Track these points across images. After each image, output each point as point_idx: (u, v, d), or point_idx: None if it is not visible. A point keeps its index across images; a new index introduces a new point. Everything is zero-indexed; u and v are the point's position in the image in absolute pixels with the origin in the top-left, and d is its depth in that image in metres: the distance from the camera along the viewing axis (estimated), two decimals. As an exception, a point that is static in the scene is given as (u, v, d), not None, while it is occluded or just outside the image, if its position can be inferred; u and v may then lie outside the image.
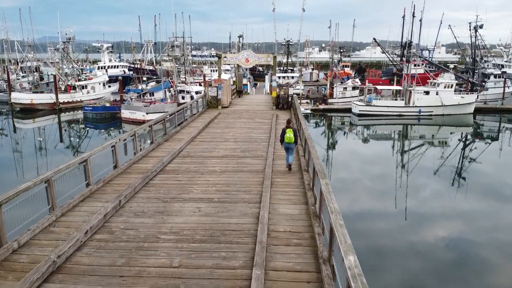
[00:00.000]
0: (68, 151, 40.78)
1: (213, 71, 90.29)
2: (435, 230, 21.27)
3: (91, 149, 14.36)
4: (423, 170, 33.15)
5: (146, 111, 46.90)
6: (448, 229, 21.45)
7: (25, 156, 38.72)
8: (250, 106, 35.18)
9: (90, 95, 60.26)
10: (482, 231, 21.47)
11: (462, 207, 25.06)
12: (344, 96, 58.59)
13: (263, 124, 26.51)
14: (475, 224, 22.60)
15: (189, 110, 27.87)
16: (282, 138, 15.67)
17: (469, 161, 36.63)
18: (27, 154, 39.51)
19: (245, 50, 31.84)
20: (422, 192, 28.03)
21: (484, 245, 19.81)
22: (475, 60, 60.91)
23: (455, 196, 27.29)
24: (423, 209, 24.48)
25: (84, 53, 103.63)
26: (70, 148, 42.32)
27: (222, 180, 14.65)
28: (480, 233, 21.30)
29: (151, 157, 17.84)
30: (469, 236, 21.03)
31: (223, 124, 26.57)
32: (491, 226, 22.09)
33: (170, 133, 22.52)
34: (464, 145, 44.84)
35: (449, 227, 21.73)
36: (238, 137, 22.23)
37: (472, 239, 20.61)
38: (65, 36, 63.04)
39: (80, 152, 41.34)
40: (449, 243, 20.06)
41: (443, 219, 22.93)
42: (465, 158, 38.25)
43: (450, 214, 23.68)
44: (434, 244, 19.72)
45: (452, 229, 21.53)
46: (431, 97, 51.40)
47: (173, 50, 51.30)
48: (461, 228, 21.84)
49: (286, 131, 15.57)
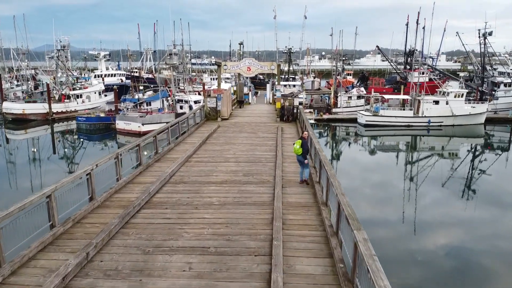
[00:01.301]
0: (61, 162, 38.17)
1: (213, 79, 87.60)
2: (444, 243, 20.02)
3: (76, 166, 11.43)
4: (433, 183, 30.71)
5: (142, 122, 44.01)
6: (457, 242, 20.35)
7: (13, 170, 35.81)
8: (252, 117, 32.28)
9: (85, 105, 57.40)
10: (491, 244, 20.12)
11: (470, 218, 23.76)
12: (349, 105, 55.74)
13: (267, 139, 23.58)
14: (484, 236, 21.26)
15: (186, 122, 24.97)
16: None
17: (480, 173, 34.02)
18: (16, 167, 36.65)
19: (247, 58, 29.06)
20: (431, 205, 26.24)
21: (494, 258, 18.50)
22: (484, 68, 58.07)
23: (465, 208, 25.63)
24: (433, 221, 23.06)
25: (83, 61, 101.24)
26: (64, 159, 39.62)
27: (220, 217, 11.71)
28: (490, 245, 19.93)
29: (136, 184, 14.89)
30: (478, 247, 19.75)
31: (223, 139, 23.64)
32: (502, 238, 20.81)
33: (162, 152, 19.60)
34: (476, 157, 41.95)
35: (458, 239, 20.62)
36: (240, 156, 19.29)
37: (481, 251, 19.23)
38: (60, 44, 60.23)
39: (74, 163, 38.63)
40: (459, 256, 18.84)
41: (452, 231, 21.64)
42: (477, 171, 35.43)
43: (459, 226, 22.49)
44: (444, 257, 18.55)
45: (461, 241, 20.45)
46: (441, 106, 48.52)
47: (171, 58, 48.46)
48: (470, 240, 20.68)
49: (295, 142, 15.01)
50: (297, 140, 15.19)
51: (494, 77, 59.06)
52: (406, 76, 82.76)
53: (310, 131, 20.51)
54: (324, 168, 12.96)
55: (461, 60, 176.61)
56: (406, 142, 48.37)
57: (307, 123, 23.89)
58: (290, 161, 18.13)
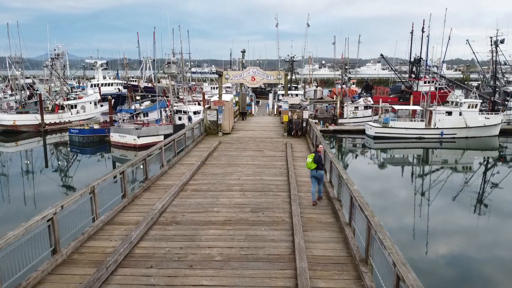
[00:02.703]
0: (54, 175, 35.18)
1: (213, 89, 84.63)
2: (458, 258, 18.83)
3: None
4: (448, 199, 28.12)
5: (138, 135, 40.76)
6: (469, 257, 19.10)
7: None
8: (256, 131, 29.07)
9: (80, 116, 54.22)
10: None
11: (483, 233, 22.38)
12: (356, 116, 52.57)
13: (275, 159, 20.35)
14: (498, 252, 19.50)
15: (183, 139, 21.74)
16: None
17: (499, 189, 31.01)
18: (2, 182, 33.48)
19: (251, 67, 25.99)
20: (445, 221, 23.99)
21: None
22: (495, 77, 54.98)
23: (477, 223, 23.93)
24: (445, 236, 21.37)
25: (81, 70, 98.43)
26: (57, 172, 36.66)
27: (224, 283, 8.45)
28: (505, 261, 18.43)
29: (117, 226, 11.64)
30: (492, 263, 18.34)
31: (225, 159, 20.39)
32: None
33: (154, 177, 16.32)
34: (493, 171, 38.77)
35: (470, 254, 19.35)
36: (245, 183, 16.02)
37: (494, 267, 17.90)
38: (54, 53, 57.19)
39: (68, 176, 35.52)
40: (473, 271, 17.58)
41: (464, 246, 20.26)
42: (495, 186, 32.30)
43: (472, 241, 21.13)
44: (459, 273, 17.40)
45: (473, 257, 19.08)
46: (454, 118, 45.36)
47: (169, 67, 45.32)
48: (484, 257, 19.09)
49: (308, 156, 13.73)
50: (311, 153, 13.80)
51: (506, 86, 55.97)
52: (412, 85, 80.00)
53: (324, 144, 17.52)
54: (357, 204, 9.70)
55: (461, 69, 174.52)
56: (418, 155, 45.13)
57: (320, 137, 20.77)
58: (306, 189, 14.90)
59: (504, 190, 30.86)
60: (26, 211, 26.45)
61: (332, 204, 13.25)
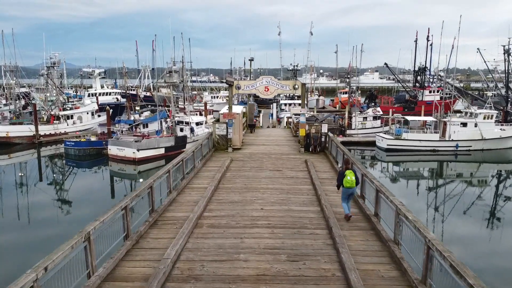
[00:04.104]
0: (48, 191, 32.46)
1: (213, 98, 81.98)
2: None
3: None
4: (468, 216, 25.88)
5: (137, 148, 37.90)
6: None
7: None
8: (268, 146, 26.28)
9: (76, 126, 51.29)
10: None
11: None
12: (364, 126, 49.93)
13: (299, 181, 17.55)
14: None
15: (191, 158, 18.88)
16: (340, 182, 12.71)
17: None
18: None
19: (264, 76, 23.32)
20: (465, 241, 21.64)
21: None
22: (508, 87, 52.53)
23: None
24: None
25: (79, 79, 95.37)
26: (51, 187, 33.91)
27: None
28: None
29: (119, 283, 8.74)
30: None
31: (240, 181, 17.54)
32: None
33: (161, 207, 13.44)
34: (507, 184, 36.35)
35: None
36: (272, 215, 13.18)
37: None
38: (50, 61, 54.30)
39: (63, 190, 32.71)
40: None
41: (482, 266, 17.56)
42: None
43: (487, 259, 19.00)
44: None
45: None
46: (469, 129, 42.79)
47: (170, 76, 42.56)
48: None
49: (345, 173, 12.59)
50: (348, 170, 12.63)
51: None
52: (416, 95, 77.60)
53: (354, 162, 15.11)
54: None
55: (459, 77, 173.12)
56: (432, 168, 42.44)
57: (348, 153, 18.13)
58: (348, 225, 12.15)
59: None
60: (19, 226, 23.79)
61: (380, 239, 10.46)
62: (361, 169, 14.55)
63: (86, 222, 9.14)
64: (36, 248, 19.18)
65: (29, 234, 22.74)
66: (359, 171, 14.70)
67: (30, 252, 18.55)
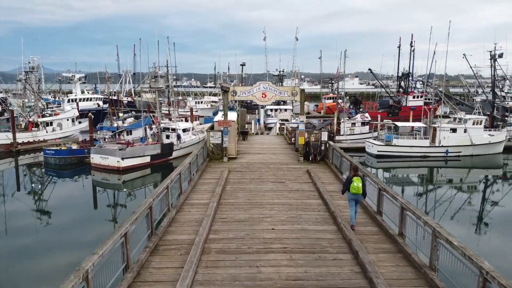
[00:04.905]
0: (27, 198, 30.64)
1: (198, 103, 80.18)
2: None
3: None
4: (464, 224, 24.70)
5: (122, 156, 35.92)
6: None
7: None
8: (265, 155, 24.88)
9: (56, 134, 48.80)
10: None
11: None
12: (353, 132, 49.09)
13: (305, 194, 16.20)
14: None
15: (187, 170, 17.28)
16: (346, 187, 12.56)
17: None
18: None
19: (261, 82, 22.03)
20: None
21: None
22: (494, 92, 52.53)
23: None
24: None
25: (57, 84, 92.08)
26: (30, 194, 32.15)
27: None
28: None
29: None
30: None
31: (243, 195, 16.04)
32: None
33: (160, 230, 11.88)
34: (502, 191, 35.86)
35: None
36: (285, 236, 11.75)
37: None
38: (29, 65, 51.62)
39: (41, 200, 30.60)
40: None
41: None
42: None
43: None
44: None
45: None
46: (459, 135, 42.35)
47: (156, 81, 40.71)
48: None
49: (353, 180, 12.35)
50: (355, 177, 12.45)
51: (505, 101, 53.69)
52: (400, 100, 77.50)
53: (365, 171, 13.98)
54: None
55: (437, 83, 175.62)
56: (422, 174, 41.74)
57: (353, 160, 17.00)
58: (372, 247, 10.86)
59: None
60: None
61: (412, 264, 9.17)
62: (379, 183, 13.36)
63: (65, 233, 7.61)
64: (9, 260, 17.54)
65: (5, 244, 20.89)
66: (375, 185, 13.58)
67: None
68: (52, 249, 20.04)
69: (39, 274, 16.97)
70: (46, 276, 16.26)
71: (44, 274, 16.86)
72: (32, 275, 17.16)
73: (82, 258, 7.56)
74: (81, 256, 7.90)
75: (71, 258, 16.61)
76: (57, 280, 7.08)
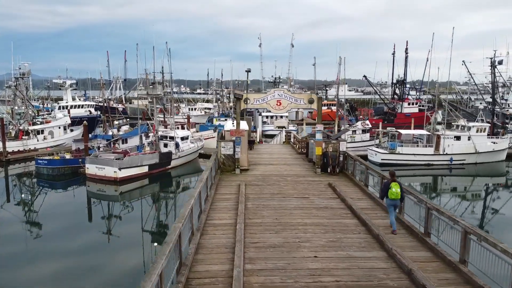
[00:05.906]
0: (17, 210, 29.07)
1: (191, 110, 78.39)
2: None
3: None
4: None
5: (119, 166, 33.99)
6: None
7: None
8: (277, 166, 23.33)
9: (48, 142, 46.55)
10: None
11: None
12: (354, 140, 47.88)
13: (337, 213, 14.66)
14: None
15: (203, 187, 15.61)
16: (385, 193, 12.67)
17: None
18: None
19: (276, 89, 20.58)
20: None
21: None
22: (494, 99, 51.91)
23: None
24: None
25: (45, 90, 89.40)
26: (21, 205, 30.49)
27: None
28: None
29: None
30: None
31: (268, 214, 14.37)
32: None
33: (187, 258, 10.21)
34: (508, 199, 35.00)
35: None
36: (332, 267, 10.10)
37: None
38: (19, 72, 49.33)
39: (32, 211, 28.58)
40: None
41: None
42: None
43: None
44: None
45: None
46: (463, 143, 41.41)
47: (153, 88, 38.90)
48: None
49: (391, 185, 12.47)
50: (393, 182, 12.64)
51: (505, 108, 53.13)
52: (395, 107, 76.84)
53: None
54: None
55: (427, 90, 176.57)
56: (427, 183, 40.66)
57: (383, 174, 15.65)
58: (436, 276, 9.37)
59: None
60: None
61: None
62: (428, 203, 11.96)
63: (56, 246, 5.95)
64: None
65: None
66: (419, 204, 12.30)
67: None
68: (39, 264, 18.14)
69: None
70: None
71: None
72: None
73: (70, 274, 5.92)
74: (69, 272, 6.22)
75: (57, 274, 14.90)
76: None
